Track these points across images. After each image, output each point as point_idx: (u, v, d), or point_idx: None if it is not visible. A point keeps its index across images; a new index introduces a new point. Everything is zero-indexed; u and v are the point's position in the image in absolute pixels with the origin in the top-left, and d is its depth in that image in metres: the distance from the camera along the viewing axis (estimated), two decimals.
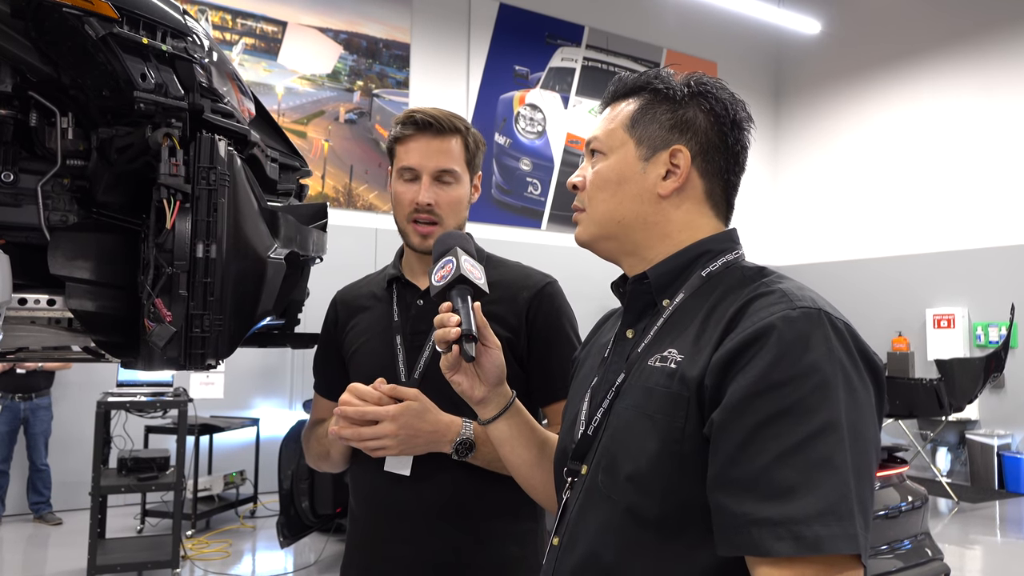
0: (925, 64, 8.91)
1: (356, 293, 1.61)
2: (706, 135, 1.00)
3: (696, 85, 1.02)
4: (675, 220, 1.01)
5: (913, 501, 3.43)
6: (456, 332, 1.08)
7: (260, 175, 1.62)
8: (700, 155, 1.00)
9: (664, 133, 1.00)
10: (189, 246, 1.29)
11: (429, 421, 1.32)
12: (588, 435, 1.00)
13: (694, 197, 1.01)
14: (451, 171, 1.47)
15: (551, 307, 1.50)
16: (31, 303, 1.46)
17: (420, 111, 1.48)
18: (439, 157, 1.46)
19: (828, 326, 0.82)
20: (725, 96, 1.02)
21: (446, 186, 1.47)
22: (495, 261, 1.57)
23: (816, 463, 0.75)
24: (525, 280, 1.52)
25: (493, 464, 1.34)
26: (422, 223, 1.46)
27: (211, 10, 6.93)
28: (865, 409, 0.81)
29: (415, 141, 1.47)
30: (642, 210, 1.01)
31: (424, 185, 1.46)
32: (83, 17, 1.21)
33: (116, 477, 4.56)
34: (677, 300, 0.98)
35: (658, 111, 1.02)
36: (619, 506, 0.90)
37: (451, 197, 1.47)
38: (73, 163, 1.42)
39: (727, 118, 1.01)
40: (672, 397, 0.87)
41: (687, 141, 1.00)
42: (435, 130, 1.46)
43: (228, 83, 1.52)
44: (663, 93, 1.02)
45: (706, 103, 1.01)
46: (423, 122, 1.46)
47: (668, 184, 1.00)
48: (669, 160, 1.00)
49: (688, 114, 1.01)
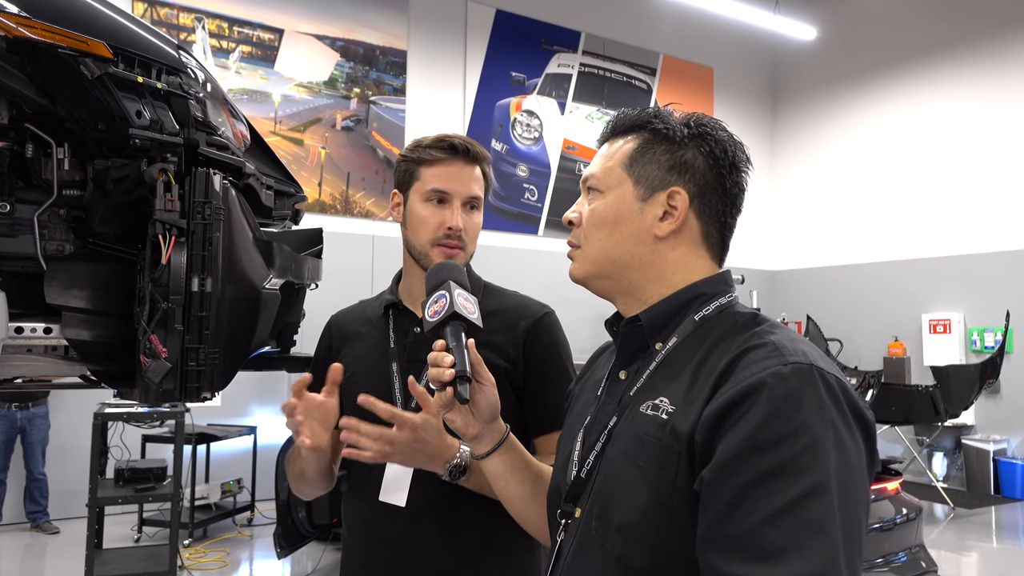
0: (921, 70, 8.93)
1: (351, 319, 1.60)
2: (704, 177, 1.00)
3: (696, 126, 1.02)
4: (670, 262, 1.01)
5: (908, 513, 3.44)
6: (450, 373, 1.08)
7: (255, 203, 1.63)
8: (698, 197, 1.00)
9: (663, 174, 1.00)
10: (184, 280, 1.30)
11: (437, 439, 1.29)
12: (581, 477, 1.00)
13: (690, 239, 1.01)
14: (479, 199, 1.50)
15: (548, 338, 1.51)
16: (27, 332, 1.47)
17: (453, 137, 1.50)
18: (472, 184, 1.48)
19: (820, 383, 0.82)
20: (724, 137, 1.02)
21: (474, 212, 1.50)
22: (493, 290, 1.57)
23: (806, 526, 0.75)
24: (523, 310, 1.53)
25: (484, 489, 1.32)
26: (449, 248, 1.46)
27: (208, 18, 6.94)
28: (856, 468, 0.81)
29: (448, 166, 1.47)
30: (638, 251, 1.01)
31: (456, 210, 1.46)
32: (79, 57, 1.22)
33: (113, 488, 4.55)
34: (670, 344, 0.98)
35: (657, 151, 1.01)
36: (611, 555, 0.90)
37: (476, 224, 1.50)
38: (69, 193, 1.43)
39: (726, 160, 1.01)
40: (663, 450, 0.88)
41: (685, 183, 1.00)
42: (470, 157, 1.49)
43: (222, 112, 1.53)
44: (662, 133, 1.02)
45: (705, 145, 1.00)
46: (461, 148, 1.47)
47: (665, 226, 1.00)
48: (667, 201, 0.99)
49: (687, 155, 1.00)
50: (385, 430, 1.23)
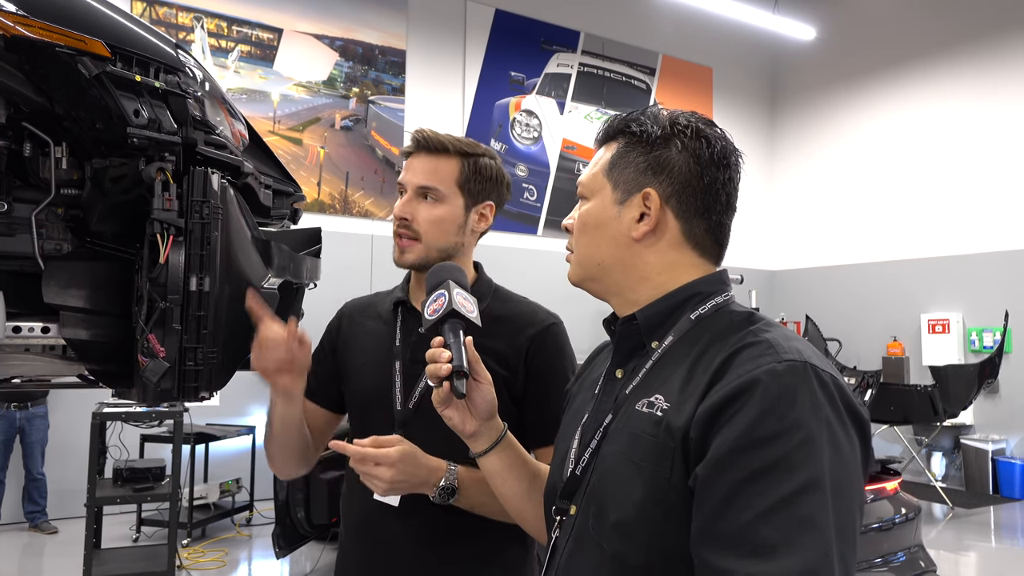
0: (920, 70, 8.94)
1: (364, 310, 1.60)
2: (681, 175, 0.99)
3: (671, 125, 1.01)
4: (652, 262, 1.01)
5: (906, 513, 3.44)
6: (447, 368, 1.09)
7: (254, 202, 1.63)
8: (675, 196, 1.00)
9: (638, 176, 1.01)
10: (182, 280, 1.30)
11: (422, 466, 1.31)
12: (577, 474, 1.01)
13: (670, 239, 1.01)
14: (433, 189, 1.46)
15: (553, 348, 1.49)
16: (25, 331, 1.47)
17: (423, 131, 1.50)
18: (424, 175, 1.47)
19: (814, 380, 0.83)
20: (704, 133, 1.00)
21: (428, 203, 1.46)
22: (502, 295, 1.56)
23: (799, 522, 0.76)
24: (531, 317, 1.51)
25: (476, 508, 1.35)
26: (402, 237, 1.47)
27: (207, 17, 6.94)
28: (850, 465, 0.81)
29: (413, 159, 1.50)
30: (618, 253, 1.02)
31: (404, 199, 1.47)
32: (76, 56, 1.22)
33: (112, 488, 4.55)
34: (666, 343, 0.98)
35: (633, 154, 1.02)
36: (607, 552, 0.91)
37: (431, 215, 1.46)
38: (67, 192, 1.42)
39: (704, 156, 0.99)
40: (658, 446, 0.88)
41: (660, 183, 1.00)
42: (428, 149, 1.48)
43: (220, 111, 1.53)
44: (638, 135, 1.02)
45: (679, 142, 1.00)
46: (420, 140, 1.49)
47: (640, 227, 1.00)
48: (642, 202, 1.00)
49: (663, 155, 1.00)
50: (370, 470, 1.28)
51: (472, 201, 1.51)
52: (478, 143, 1.54)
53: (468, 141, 1.52)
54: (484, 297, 1.50)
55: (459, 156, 1.49)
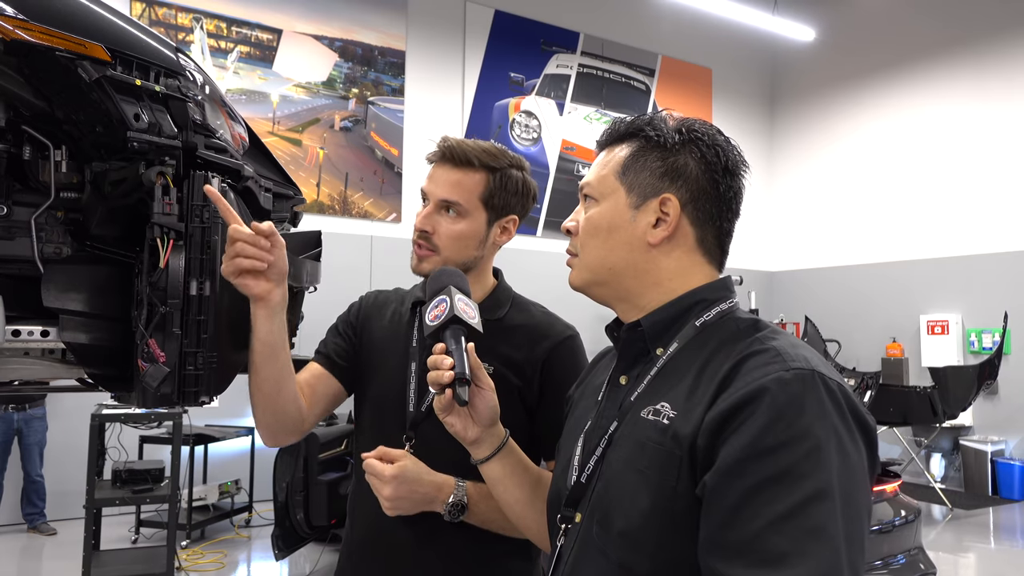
0: (919, 71, 8.95)
1: (386, 306, 1.58)
2: (697, 182, 1.00)
3: (687, 132, 1.02)
4: (666, 268, 1.01)
5: (906, 515, 3.44)
6: (449, 376, 1.09)
7: (254, 206, 1.62)
8: (691, 203, 1.00)
9: (654, 181, 1.01)
10: (183, 284, 1.29)
11: (424, 483, 1.30)
12: (582, 482, 1.00)
13: (685, 245, 1.01)
14: (455, 204, 1.43)
15: (570, 361, 1.47)
16: (25, 335, 1.46)
17: (449, 140, 1.46)
18: (447, 187, 1.44)
19: (822, 388, 0.82)
20: (718, 142, 1.02)
21: (449, 217, 1.44)
22: (520, 304, 1.54)
23: (808, 531, 0.76)
24: (548, 329, 1.49)
25: (487, 524, 1.34)
26: (419, 248, 1.46)
27: (206, 18, 6.93)
28: (858, 473, 0.81)
29: (436, 168, 1.47)
30: (632, 258, 1.01)
31: (425, 211, 1.45)
32: (76, 60, 1.21)
33: (111, 489, 4.55)
34: (671, 350, 0.98)
35: (649, 158, 1.02)
36: (612, 561, 0.90)
37: (452, 230, 1.43)
38: (67, 196, 1.42)
39: (719, 164, 1.01)
40: (665, 455, 0.88)
41: (677, 189, 1.00)
42: (454, 161, 1.45)
43: (220, 115, 1.52)
44: (654, 140, 1.02)
45: (697, 150, 1.01)
46: (445, 150, 1.45)
47: (658, 232, 1.00)
48: (659, 208, 1.00)
49: (679, 161, 1.00)
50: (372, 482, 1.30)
51: (495, 216, 1.48)
52: (505, 150, 1.49)
53: (495, 151, 1.47)
54: (502, 305, 1.49)
55: (485, 170, 1.45)
